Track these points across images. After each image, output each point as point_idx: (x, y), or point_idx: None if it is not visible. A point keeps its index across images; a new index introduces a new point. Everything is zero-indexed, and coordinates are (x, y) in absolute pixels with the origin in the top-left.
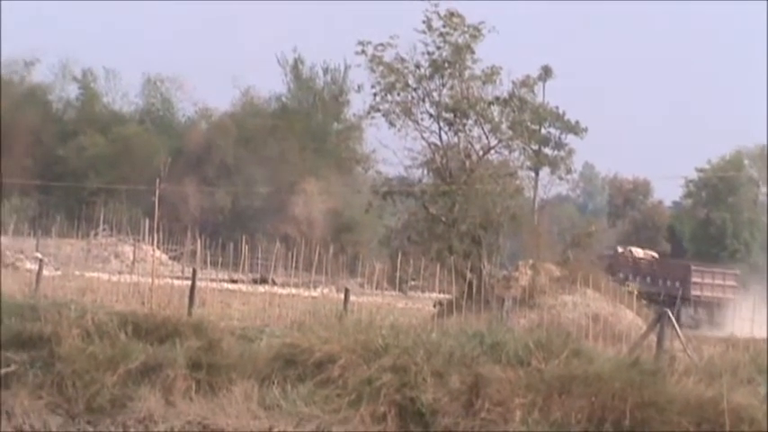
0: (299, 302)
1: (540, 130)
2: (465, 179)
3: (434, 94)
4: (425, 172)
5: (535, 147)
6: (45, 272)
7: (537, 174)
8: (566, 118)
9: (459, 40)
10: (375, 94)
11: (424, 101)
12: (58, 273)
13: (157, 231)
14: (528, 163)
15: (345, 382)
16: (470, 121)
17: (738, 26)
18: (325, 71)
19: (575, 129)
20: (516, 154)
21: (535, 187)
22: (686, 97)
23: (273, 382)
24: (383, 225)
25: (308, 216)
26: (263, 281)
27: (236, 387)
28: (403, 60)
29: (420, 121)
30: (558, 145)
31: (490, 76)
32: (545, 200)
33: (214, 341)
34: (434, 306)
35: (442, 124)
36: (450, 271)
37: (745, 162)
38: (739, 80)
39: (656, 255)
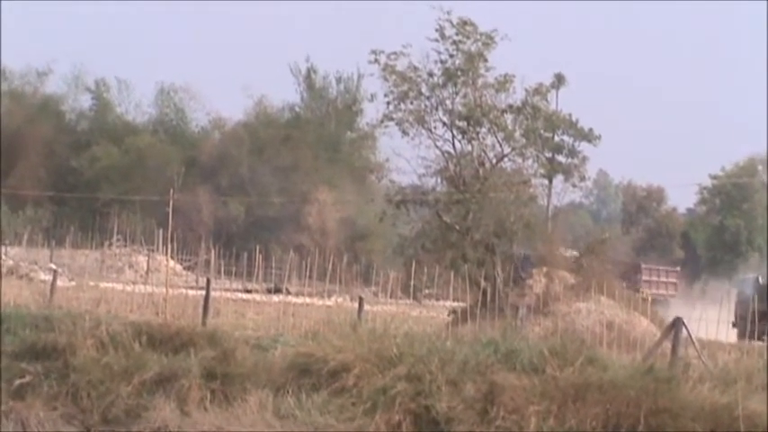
0: (313, 312)
1: (553, 137)
2: (479, 187)
3: (447, 102)
4: (439, 180)
5: (549, 154)
6: (59, 282)
7: (550, 181)
8: (579, 125)
9: (472, 48)
10: (388, 103)
11: (437, 109)
12: (73, 283)
13: (171, 241)
14: (541, 171)
15: (360, 391)
16: (484, 129)
17: (753, 30)
18: (339, 80)
19: (588, 136)
20: (530, 162)
21: (549, 195)
22: (699, 104)
23: (288, 392)
24: (397, 234)
25: (321, 225)
26: (278, 290)
27: (250, 397)
28: (416, 69)
29: (433, 130)
30: (572, 152)
31: (503, 83)
32: (559, 207)
33: (228, 351)
34: (448, 314)
35: (455, 132)
36: (464, 279)
37: (759, 168)
38: (753, 85)
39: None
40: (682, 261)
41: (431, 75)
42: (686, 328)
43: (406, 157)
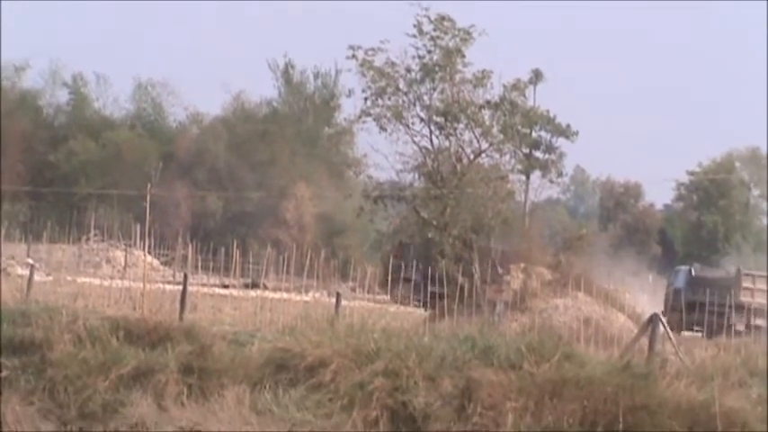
0: (290, 307)
1: (530, 133)
2: (456, 183)
3: (425, 97)
4: (416, 176)
5: (526, 150)
6: (36, 277)
7: (528, 177)
8: (556, 121)
9: (450, 44)
10: (366, 99)
11: (414, 105)
12: (50, 278)
13: (149, 236)
14: (519, 166)
15: (337, 386)
16: (461, 125)
17: (731, 30)
18: (316, 76)
19: (565, 132)
20: (507, 157)
21: (526, 191)
22: (677, 100)
23: (265, 387)
24: (374, 229)
25: (299, 220)
26: (255, 285)
27: (227, 392)
28: (393, 64)
29: (411, 125)
30: (549, 148)
31: (481, 79)
32: (536, 203)
33: (206, 346)
34: (426, 310)
35: (432, 128)
36: (442, 274)
37: (737, 165)
38: (730, 83)
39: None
40: (659, 257)
41: (408, 70)
42: (663, 323)
43: (384, 153)
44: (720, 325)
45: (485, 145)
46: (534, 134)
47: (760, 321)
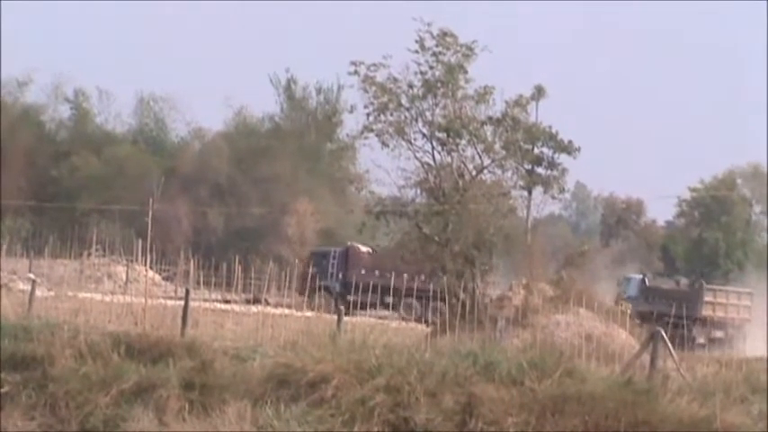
0: (292, 322)
1: (532, 149)
2: (458, 199)
3: (427, 113)
4: (418, 192)
5: (528, 166)
6: (38, 292)
7: (530, 193)
8: (559, 137)
9: (452, 60)
10: (368, 114)
11: (416, 121)
12: (51, 293)
13: (150, 252)
14: (521, 182)
15: (339, 402)
16: (463, 141)
17: (733, 44)
18: (318, 91)
19: (567, 148)
20: (509, 173)
21: (528, 207)
22: (679, 117)
23: (267, 403)
24: (376, 245)
25: (301, 236)
26: (257, 301)
27: (229, 407)
28: (396, 80)
29: (413, 141)
30: (551, 164)
31: (483, 95)
32: (538, 219)
33: (207, 361)
34: (427, 326)
35: (434, 144)
36: (444, 290)
37: (738, 181)
38: (733, 99)
39: (371, 249)
40: (661, 273)
41: (411, 86)
42: (665, 340)
43: (386, 169)
44: (679, 337)
45: (487, 161)
46: (536, 150)
47: (720, 334)
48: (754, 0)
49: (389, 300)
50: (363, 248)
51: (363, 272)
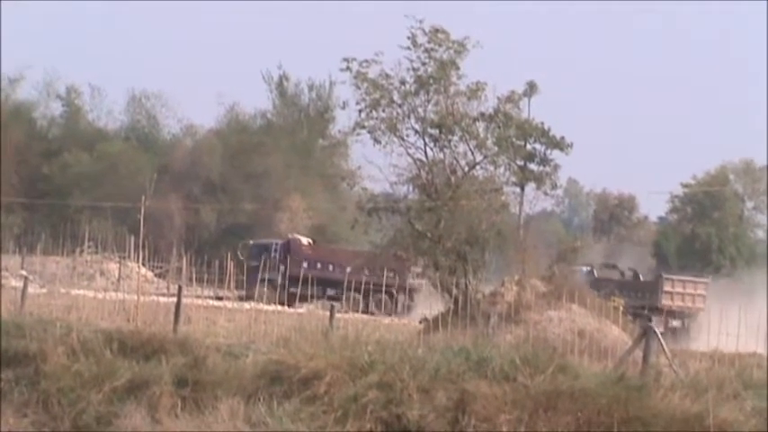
0: (284, 319)
1: (525, 145)
2: (450, 195)
3: (420, 110)
4: (411, 188)
5: (520, 162)
6: (30, 289)
7: (522, 189)
8: (551, 134)
9: (444, 56)
10: (360, 111)
11: (409, 117)
12: (44, 290)
13: (143, 248)
14: (513, 179)
15: (331, 398)
16: (456, 137)
17: (725, 40)
18: (311, 88)
19: (560, 144)
20: (502, 170)
21: (520, 203)
22: (671, 112)
23: (259, 399)
24: (369, 241)
25: (293, 232)
26: (249, 297)
27: (221, 404)
28: (388, 77)
29: (405, 138)
30: (544, 160)
31: (475, 91)
32: (530, 215)
33: (200, 358)
34: (420, 322)
35: (427, 140)
36: (436, 287)
37: (730, 177)
38: (725, 95)
39: (312, 241)
40: (653, 269)
41: (403, 82)
42: (658, 336)
43: (378, 165)
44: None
45: (479, 157)
46: (529, 146)
47: (676, 324)
48: None
49: (332, 292)
50: (305, 240)
51: (306, 264)
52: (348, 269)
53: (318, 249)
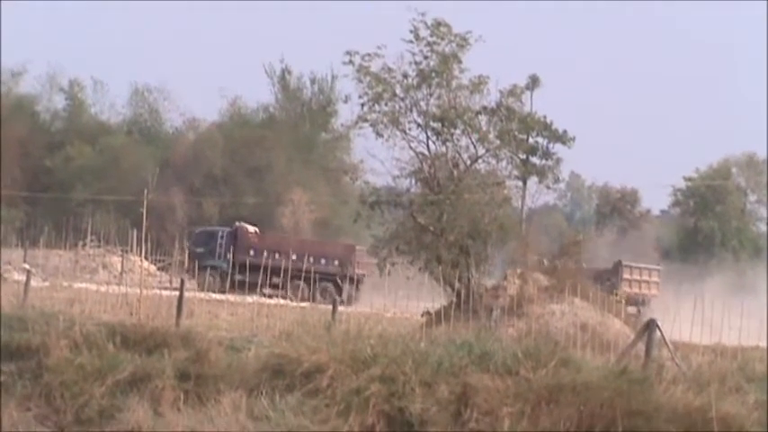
0: (287, 312)
1: (527, 139)
2: (453, 189)
3: (422, 103)
4: (413, 182)
5: (523, 156)
6: (33, 283)
7: (525, 183)
8: (553, 127)
9: (447, 50)
10: (362, 105)
11: (411, 111)
12: (46, 284)
13: (145, 242)
14: (516, 172)
15: (334, 392)
16: (458, 131)
17: (728, 34)
18: (313, 81)
19: (562, 138)
20: (504, 163)
21: (523, 196)
22: (673, 106)
23: (262, 393)
24: (371, 235)
25: (295, 226)
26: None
27: (224, 398)
28: (390, 70)
29: (408, 131)
30: (546, 154)
31: (477, 85)
32: (533, 209)
33: (202, 352)
34: (422, 316)
35: (429, 134)
36: (438, 280)
37: (733, 170)
38: (727, 88)
39: (257, 230)
40: (656, 263)
41: (405, 76)
42: (660, 329)
43: (381, 159)
44: None
45: (481, 151)
46: (531, 140)
47: (633, 310)
48: None
49: (277, 280)
50: (251, 229)
51: (252, 252)
52: (293, 257)
53: (265, 238)
